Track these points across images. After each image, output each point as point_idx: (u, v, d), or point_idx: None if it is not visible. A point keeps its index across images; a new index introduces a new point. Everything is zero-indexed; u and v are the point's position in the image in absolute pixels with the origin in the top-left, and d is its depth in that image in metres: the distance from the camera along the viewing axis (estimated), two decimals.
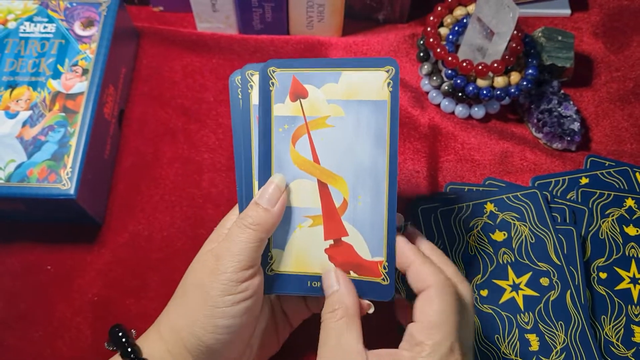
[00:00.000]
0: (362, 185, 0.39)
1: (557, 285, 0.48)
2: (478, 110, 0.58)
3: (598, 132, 0.59)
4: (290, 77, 0.39)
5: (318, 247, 0.40)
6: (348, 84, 0.38)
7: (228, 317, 0.37)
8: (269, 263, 0.40)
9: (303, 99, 0.39)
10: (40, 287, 0.51)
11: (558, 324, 0.47)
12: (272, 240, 0.40)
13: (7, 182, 0.48)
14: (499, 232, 0.50)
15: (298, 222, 0.39)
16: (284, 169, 0.39)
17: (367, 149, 0.38)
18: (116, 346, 0.40)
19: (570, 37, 0.59)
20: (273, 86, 0.38)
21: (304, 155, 0.39)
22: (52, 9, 0.56)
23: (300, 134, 0.39)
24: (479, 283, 0.48)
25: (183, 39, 0.62)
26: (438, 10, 0.58)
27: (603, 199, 0.52)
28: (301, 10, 0.60)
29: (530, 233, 0.50)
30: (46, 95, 0.52)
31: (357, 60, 0.38)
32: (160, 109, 0.59)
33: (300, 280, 0.40)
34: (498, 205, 0.51)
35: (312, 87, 0.39)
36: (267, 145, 0.39)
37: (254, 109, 0.40)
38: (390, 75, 0.38)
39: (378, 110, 0.38)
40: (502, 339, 0.47)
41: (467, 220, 0.50)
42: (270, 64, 0.39)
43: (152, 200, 0.55)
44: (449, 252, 0.50)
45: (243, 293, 0.37)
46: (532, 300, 0.48)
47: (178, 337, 0.38)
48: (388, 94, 0.38)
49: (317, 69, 0.38)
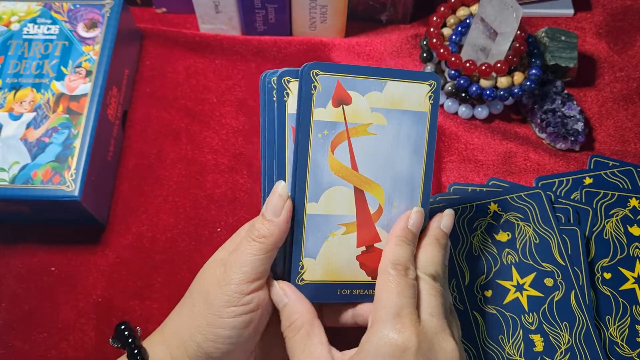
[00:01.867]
0: (399, 192, 0.39)
1: (561, 285, 0.48)
2: (481, 110, 0.58)
3: (602, 132, 0.59)
4: (335, 82, 0.38)
5: (350, 255, 0.39)
6: (392, 94, 0.39)
7: (229, 328, 0.37)
8: (299, 273, 0.39)
9: (346, 105, 0.38)
10: (45, 288, 0.51)
11: (562, 325, 0.47)
12: (303, 249, 0.39)
13: (12, 184, 0.48)
14: (503, 233, 0.50)
15: (331, 230, 0.39)
16: (320, 175, 0.38)
17: (405, 157, 0.39)
18: (122, 345, 0.40)
19: (574, 37, 0.59)
20: (315, 89, 0.38)
21: (342, 161, 0.39)
22: (56, 10, 0.56)
23: (340, 140, 0.38)
24: (483, 283, 0.48)
25: (186, 40, 0.62)
26: (441, 11, 0.58)
27: (607, 199, 0.52)
28: (304, 12, 0.60)
29: (535, 233, 0.50)
30: (50, 97, 0.52)
31: (401, 72, 0.39)
32: (163, 110, 0.59)
33: (330, 288, 0.39)
34: (502, 205, 0.51)
35: (356, 93, 0.38)
36: (304, 150, 0.38)
37: (289, 118, 0.38)
38: (433, 89, 0.39)
39: (419, 122, 0.39)
40: (507, 339, 0.47)
41: (471, 221, 0.50)
42: (313, 66, 0.38)
43: (155, 202, 0.55)
44: (453, 253, 0.50)
45: (247, 306, 0.37)
46: (536, 300, 0.48)
47: (180, 342, 0.38)
48: (429, 106, 0.39)
49: (362, 76, 0.38)
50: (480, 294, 0.48)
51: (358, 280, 0.40)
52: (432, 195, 0.54)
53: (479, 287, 0.48)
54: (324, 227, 0.39)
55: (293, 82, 0.38)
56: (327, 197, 0.39)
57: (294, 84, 0.38)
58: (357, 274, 0.39)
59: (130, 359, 0.39)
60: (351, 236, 0.39)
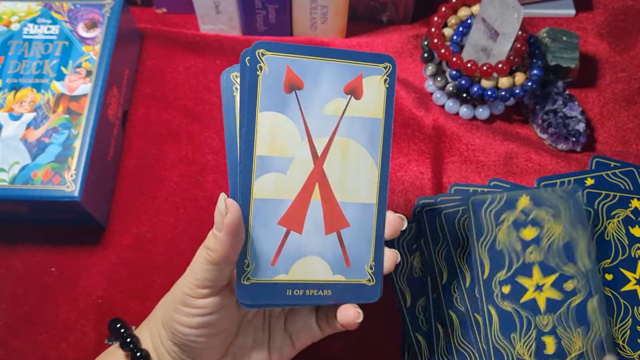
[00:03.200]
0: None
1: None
2: (482, 111, 0.58)
3: (603, 133, 0.59)
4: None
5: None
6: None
7: (186, 326, 0.37)
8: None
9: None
10: (44, 289, 0.51)
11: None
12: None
13: (12, 184, 0.48)
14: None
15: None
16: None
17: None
18: (115, 337, 0.41)
19: (575, 38, 0.59)
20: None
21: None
22: (56, 10, 0.56)
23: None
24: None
25: (186, 40, 0.62)
26: (442, 11, 0.58)
27: (608, 200, 0.52)
28: (305, 12, 0.60)
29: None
30: (50, 97, 0.52)
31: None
32: (163, 110, 0.59)
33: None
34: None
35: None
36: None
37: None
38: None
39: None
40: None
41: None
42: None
43: (155, 202, 0.55)
44: (454, 255, 0.50)
45: (200, 309, 0.36)
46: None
47: (158, 330, 0.39)
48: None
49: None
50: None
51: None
52: (433, 196, 0.53)
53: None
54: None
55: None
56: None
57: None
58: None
59: (123, 348, 0.40)
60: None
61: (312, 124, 0.36)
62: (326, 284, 0.37)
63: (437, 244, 0.50)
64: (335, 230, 0.37)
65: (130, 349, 0.40)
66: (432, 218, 0.51)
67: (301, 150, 0.36)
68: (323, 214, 0.37)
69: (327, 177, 0.37)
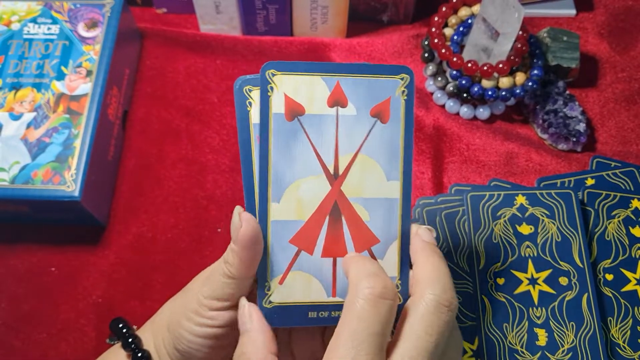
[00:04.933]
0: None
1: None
2: (483, 111, 0.58)
3: (604, 133, 0.59)
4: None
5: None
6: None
7: (193, 334, 0.36)
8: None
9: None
10: (44, 288, 0.51)
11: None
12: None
13: (12, 184, 0.48)
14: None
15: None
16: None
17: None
18: (117, 337, 0.41)
19: (576, 38, 0.59)
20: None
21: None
22: (56, 10, 0.56)
23: None
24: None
25: (186, 40, 0.62)
26: (442, 11, 0.58)
27: (609, 200, 0.52)
28: (305, 12, 0.60)
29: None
30: (50, 97, 0.52)
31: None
32: (163, 110, 0.59)
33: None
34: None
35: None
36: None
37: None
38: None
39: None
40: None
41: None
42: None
43: (155, 202, 0.55)
44: (453, 255, 0.49)
45: (211, 320, 0.36)
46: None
47: (162, 333, 0.39)
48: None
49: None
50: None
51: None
52: (433, 196, 0.53)
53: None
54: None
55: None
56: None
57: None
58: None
59: (125, 348, 0.40)
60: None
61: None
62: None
63: (437, 243, 0.50)
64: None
65: (132, 350, 0.40)
66: (432, 218, 0.51)
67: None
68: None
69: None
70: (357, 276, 0.31)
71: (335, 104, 0.35)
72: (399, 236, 0.36)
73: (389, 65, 0.36)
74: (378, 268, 0.32)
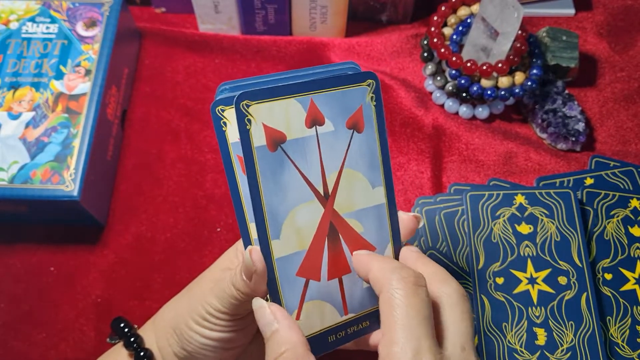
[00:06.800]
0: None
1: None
2: (482, 110, 0.58)
3: (603, 133, 0.59)
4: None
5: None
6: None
7: (202, 337, 0.37)
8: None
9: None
10: (44, 288, 0.51)
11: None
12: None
13: (11, 183, 0.48)
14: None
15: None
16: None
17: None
18: (119, 336, 0.41)
19: (575, 37, 0.59)
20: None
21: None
22: (55, 9, 0.56)
23: None
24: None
25: (185, 39, 0.62)
26: (442, 10, 0.58)
27: (608, 199, 0.52)
28: (304, 12, 0.60)
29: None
30: (49, 96, 0.52)
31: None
32: (162, 109, 0.59)
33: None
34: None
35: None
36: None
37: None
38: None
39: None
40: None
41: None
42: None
43: (154, 202, 0.55)
44: (452, 254, 0.50)
45: (221, 327, 0.36)
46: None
47: (166, 333, 0.39)
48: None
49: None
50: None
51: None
52: (432, 196, 0.53)
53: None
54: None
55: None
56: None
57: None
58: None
59: (127, 347, 0.40)
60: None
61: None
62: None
63: (436, 243, 0.50)
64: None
65: (134, 349, 0.40)
66: (431, 218, 0.51)
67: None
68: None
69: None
70: (382, 272, 0.32)
71: (313, 123, 0.34)
72: (390, 238, 0.37)
73: (353, 74, 0.36)
74: (397, 261, 0.33)
